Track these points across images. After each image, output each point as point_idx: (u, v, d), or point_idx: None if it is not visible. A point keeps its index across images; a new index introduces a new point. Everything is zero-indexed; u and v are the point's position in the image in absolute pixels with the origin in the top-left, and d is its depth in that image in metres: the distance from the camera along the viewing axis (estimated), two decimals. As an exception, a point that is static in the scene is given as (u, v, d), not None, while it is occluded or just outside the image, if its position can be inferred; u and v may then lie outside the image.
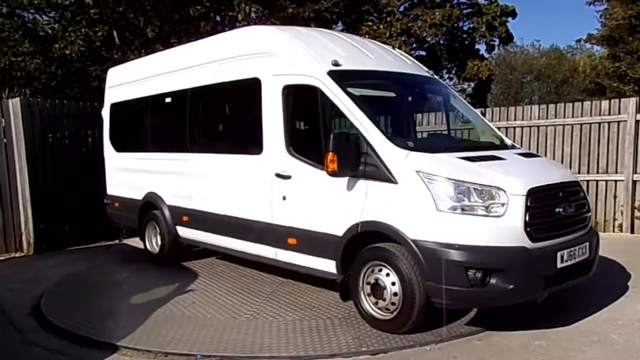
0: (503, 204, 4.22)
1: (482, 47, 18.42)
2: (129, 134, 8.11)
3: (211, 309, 5.30)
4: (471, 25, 17.67)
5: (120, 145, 8.06)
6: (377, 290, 4.54)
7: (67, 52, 13.24)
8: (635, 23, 17.06)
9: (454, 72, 18.75)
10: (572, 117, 9.31)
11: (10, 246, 8.15)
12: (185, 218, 6.72)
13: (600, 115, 9.05)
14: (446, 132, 6.92)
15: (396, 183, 4.40)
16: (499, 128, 8.85)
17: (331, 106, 4.89)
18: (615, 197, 8.99)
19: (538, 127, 9.62)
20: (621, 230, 8.87)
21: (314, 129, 5.31)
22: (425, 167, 4.36)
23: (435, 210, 4.22)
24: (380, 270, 4.54)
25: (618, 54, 18.21)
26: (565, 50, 34.13)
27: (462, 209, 4.22)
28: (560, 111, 9.49)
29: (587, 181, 9.16)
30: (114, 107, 8.14)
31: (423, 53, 17.05)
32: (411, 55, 15.57)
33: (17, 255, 8.12)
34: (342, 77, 4.97)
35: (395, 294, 4.43)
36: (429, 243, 4.22)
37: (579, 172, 9.21)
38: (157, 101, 7.24)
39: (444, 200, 4.22)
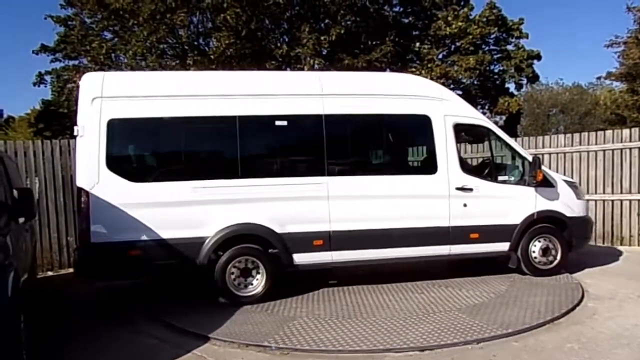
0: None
1: (511, 86, 17.86)
2: (175, 159, 5.69)
3: (284, 308, 5.29)
4: (501, 68, 17.16)
5: (146, 174, 5.48)
6: (547, 252, 6.24)
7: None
8: (650, 62, 16.26)
9: (487, 107, 18.20)
10: (596, 144, 8.82)
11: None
12: (318, 242, 5.61)
13: (622, 142, 8.56)
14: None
15: (554, 187, 6.34)
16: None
17: (500, 142, 6.47)
18: (639, 214, 8.35)
19: (564, 153, 9.15)
20: (645, 245, 8.22)
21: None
22: (565, 178, 6.81)
23: (576, 199, 6.53)
24: (545, 239, 6.23)
25: (636, 88, 17.35)
26: (586, 86, 32.42)
27: (582, 198, 6.69)
28: (584, 139, 9.02)
29: (612, 201, 8.61)
30: (126, 124, 5.35)
31: (460, 92, 16.68)
32: (449, 94, 15.28)
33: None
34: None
35: (556, 251, 6.25)
36: (577, 217, 6.44)
37: (604, 193, 8.69)
38: (258, 122, 5.63)
39: (578, 194, 6.62)
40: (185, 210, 5.30)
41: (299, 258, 5.62)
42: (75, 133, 5.28)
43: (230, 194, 5.42)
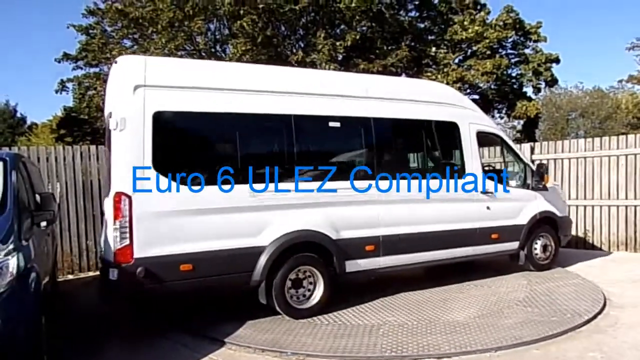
0: None
1: (529, 90, 17.61)
2: (231, 160, 4.90)
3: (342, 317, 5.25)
4: (519, 72, 16.96)
5: (199, 176, 4.61)
6: (546, 248, 6.98)
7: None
8: (675, 63, 15.82)
9: (504, 111, 17.97)
10: (618, 148, 8.64)
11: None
12: (370, 247, 5.47)
13: (644, 146, 8.35)
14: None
15: (547, 190, 7.03)
16: (547, 160, 8.45)
17: (509, 149, 7.18)
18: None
19: (585, 158, 8.98)
20: (670, 252, 8.00)
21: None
22: (554, 183, 7.70)
23: (562, 201, 7.44)
24: (544, 237, 6.97)
25: (659, 91, 16.93)
26: (607, 90, 31.73)
27: (564, 199, 7.61)
28: (605, 143, 8.84)
29: (635, 207, 8.42)
30: (175, 118, 4.68)
31: (476, 97, 16.52)
32: (466, 99, 15.15)
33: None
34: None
35: (551, 247, 7.04)
36: (564, 217, 7.36)
37: (626, 198, 8.50)
38: (313, 123, 5.36)
39: (563, 196, 7.64)
40: (242, 217, 4.78)
41: (352, 264, 5.39)
42: (111, 126, 4.43)
43: (288, 199, 5.01)
